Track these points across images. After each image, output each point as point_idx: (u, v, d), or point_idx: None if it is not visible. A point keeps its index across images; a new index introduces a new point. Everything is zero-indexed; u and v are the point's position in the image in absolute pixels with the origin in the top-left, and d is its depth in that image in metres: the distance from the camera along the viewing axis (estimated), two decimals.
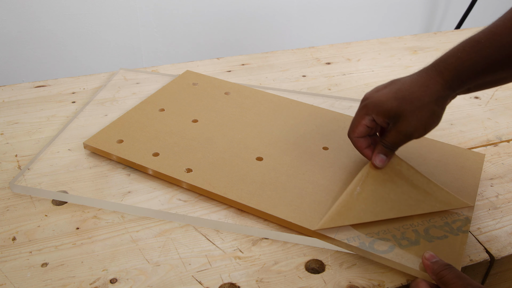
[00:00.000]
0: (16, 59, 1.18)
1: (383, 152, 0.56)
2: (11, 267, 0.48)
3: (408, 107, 0.52)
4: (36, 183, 0.59)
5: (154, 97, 0.73)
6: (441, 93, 0.52)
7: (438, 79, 0.52)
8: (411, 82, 0.53)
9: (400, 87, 0.53)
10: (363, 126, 0.56)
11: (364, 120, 0.55)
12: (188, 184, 0.57)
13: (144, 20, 1.24)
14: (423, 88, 0.52)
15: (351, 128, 0.57)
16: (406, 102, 0.52)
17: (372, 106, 0.54)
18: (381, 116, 0.54)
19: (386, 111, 0.53)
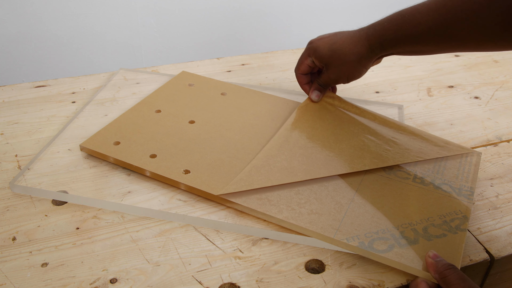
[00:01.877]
0: (16, 59, 1.18)
1: (318, 89, 0.70)
2: (11, 267, 0.48)
3: (335, 61, 0.64)
4: (36, 183, 0.59)
5: (150, 99, 0.73)
6: (364, 55, 0.63)
7: (365, 42, 0.62)
8: (345, 39, 0.64)
9: (336, 41, 0.64)
10: (305, 65, 0.68)
11: (307, 60, 0.68)
12: (186, 185, 0.57)
13: (144, 20, 1.24)
14: (351, 47, 0.63)
15: (297, 66, 0.70)
16: (336, 55, 0.64)
17: (312, 50, 0.67)
18: (317, 60, 0.66)
19: (320, 57, 0.66)
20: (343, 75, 0.66)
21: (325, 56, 0.65)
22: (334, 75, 0.66)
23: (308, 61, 0.68)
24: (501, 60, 0.94)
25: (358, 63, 0.64)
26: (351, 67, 0.64)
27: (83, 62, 1.25)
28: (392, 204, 0.54)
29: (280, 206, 0.54)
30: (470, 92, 0.83)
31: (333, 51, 0.64)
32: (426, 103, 0.79)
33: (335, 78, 0.67)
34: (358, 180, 0.58)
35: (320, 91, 0.69)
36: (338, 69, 0.65)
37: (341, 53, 0.63)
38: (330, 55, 0.64)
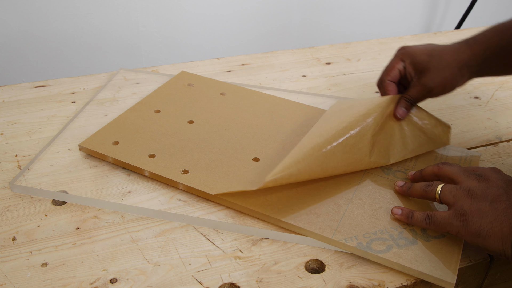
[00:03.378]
0: (16, 59, 1.18)
1: (405, 106, 0.62)
2: (11, 267, 0.48)
3: (435, 64, 0.59)
4: (36, 183, 0.59)
5: (149, 98, 0.73)
6: (466, 62, 0.59)
7: (467, 50, 0.59)
8: (444, 47, 0.60)
9: (434, 48, 0.60)
10: (396, 70, 0.62)
11: (399, 64, 0.62)
12: (185, 185, 0.57)
13: (144, 20, 1.24)
14: (452, 53, 0.59)
15: (385, 72, 0.63)
16: (436, 59, 0.59)
17: (407, 54, 0.61)
18: (411, 66, 0.61)
19: (418, 62, 0.60)
20: (440, 83, 0.59)
21: (422, 61, 0.59)
22: (431, 82, 0.59)
23: (400, 66, 0.61)
24: None
25: (459, 71, 0.59)
26: (451, 74, 0.58)
27: (83, 62, 1.25)
28: (391, 204, 0.54)
29: (278, 206, 0.54)
30: (470, 92, 0.83)
31: (433, 56, 0.59)
32: (426, 103, 0.79)
33: (431, 86, 0.59)
34: (356, 180, 0.58)
35: (407, 109, 0.62)
36: (437, 74, 0.58)
37: (442, 59, 0.59)
38: (429, 60, 0.59)
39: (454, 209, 0.47)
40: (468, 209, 0.46)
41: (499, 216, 0.44)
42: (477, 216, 0.45)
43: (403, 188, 0.55)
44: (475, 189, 0.47)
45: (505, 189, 0.47)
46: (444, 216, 0.48)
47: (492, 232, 0.44)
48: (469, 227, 0.45)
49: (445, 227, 0.48)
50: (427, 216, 0.49)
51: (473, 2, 1.44)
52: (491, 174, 0.49)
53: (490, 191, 0.47)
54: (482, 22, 1.60)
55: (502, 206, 0.45)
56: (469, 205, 0.46)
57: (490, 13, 1.63)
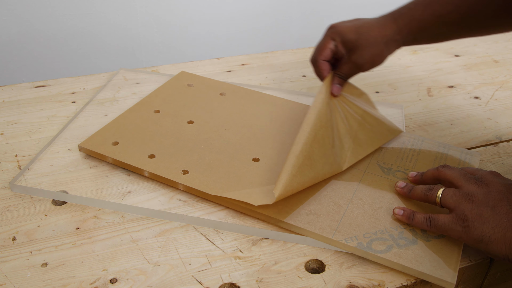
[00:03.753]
0: (16, 59, 1.18)
1: (338, 82, 0.65)
2: (11, 267, 0.48)
3: (363, 43, 0.61)
4: (36, 183, 0.59)
5: (148, 99, 0.73)
6: (392, 38, 0.62)
7: (392, 25, 0.61)
8: (372, 23, 0.62)
9: (362, 24, 0.62)
10: (328, 49, 0.64)
11: (330, 44, 0.63)
12: (185, 186, 0.56)
13: (144, 20, 1.24)
14: (379, 29, 0.61)
15: (317, 52, 0.65)
16: (363, 38, 0.61)
17: (336, 34, 0.63)
18: (341, 44, 0.63)
19: (347, 40, 0.62)
20: (369, 60, 0.62)
21: (351, 39, 0.61)
22: (360, 59, 0.62)
23: (331, 45, 0.63)
24: (501, 60, 0.94)
25: (385, 46, 0.62)
26: (378, 50, 0.62)
27: (83, 62, 1.25)
28: (391, 204, 0.54)
29: (278, 207, 0.54)
30: (470, 92, 0.83)
31: (361, 34, 0.61)
32: (426, 103, 0.79)
33: (361, 63, 0.62)
34: (356, 180, 0.58)
35: (341, 84, 0.65)
36: (365, 52, 0.61)
37: (369, 36, 0.61)
38: (357, 38, 0.61)
39: (455, 213, 0.47)
40: (470, 214, 0.46)
41: (501, 221, 0.45)
42: (478, 222, 0.45)
43: (404, 190, 0.55)
44: (475, 194, 0.47)
45: (505, 193, 0.47)
46: (445, 219, 0.48)
47: (495, 237, 0.44)
48: (471, 232, 0.45)
49: (446, 231, 0.48)
50: (429, 218, 0.49)
51: None
52: (490, 178, 0.49)
53: (490, 196, 0.47)
54: None
55: (503, 211, 0.45)
56: (470, 210, 0.46)
57: None
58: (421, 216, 0.50)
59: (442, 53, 0.97)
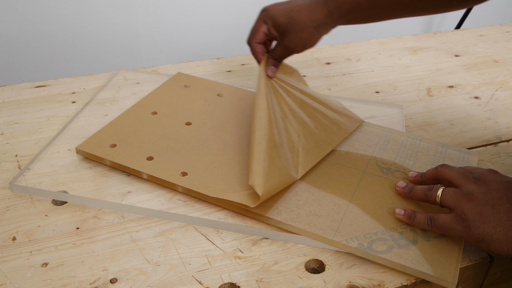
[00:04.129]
0: (16, 59, 1.18)
1: (273, 64, 0.66)
2: (11, 267, 0.48)
3: (293, 27, 0.62)
4: (36, 183, 0.59)
5: (145, 100, 0.73)
6: (323, 21, 0.62)
7: (323, 8, 0.62)
8: (302, 6, 0.62)
9: (293, 8, 0.62)
10: (261, 33, 0.65)
11: (262, 27, 0.65)
12: (184, 188, 0.56)
13: (144, 20, 1.24)
14: (310, 13, 0.62)
15: (251, 35, 0.66)
16: (293, 22, 0.62)
17: (268, 17, 0.64)
18: (273, 28, 0.64)
19: (278, 24, 0.63)
20: (299, 43, 0.63)
21: (282, 23, 0.62)
22: (291, 43, 0.63)
23: (264, 29, 0.64)
24: (501, 60, 0.94)
25: (316, 30, 0.62)
26: (309, 34, 0.62)
27: (83, 62, 1.25)
28: (391, 204, 0.54)
29: (278, 208, 0.54)
30: (470, 92, 0.83)
31: (291, 18, 0.62)
32: (426, 103, 0.79)
33: (292, 46, 0.64)
34: (356, 181, 0.58)
35: (275, 66, 0.66)
36: (296, 36, 0.62)
37: (299, 21, 0.61)
38: (288, 22, 0.62)
39: (455, 213, 0.47)
40: (470, 214, 0.46)
41: (501, 220, 0.45)
42: (479, 221, 0.45)
43: (404, 190, 0.55)
44: (475, 193, 0.47)
45: (504, 192, 0.47)
46: (446, 219, 0.48)
47: (496, 236, 0.44)
48: (472, 232, 0.45)
49: (447, 230, 0.48)
50: (430, 218, 0.49)
51: None
52: (489, 177, 0.49)
53: (490, 195, 0.47)
54: (482, 22, 1.60)
55: (503, 210, 0.45)
56: (471, 209, 0.46)
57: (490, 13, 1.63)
58: (422, 216, 0.50)
59: (442, 53, 0.97)
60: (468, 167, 0.53)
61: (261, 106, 0.59)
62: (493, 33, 1.07)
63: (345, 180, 0.58)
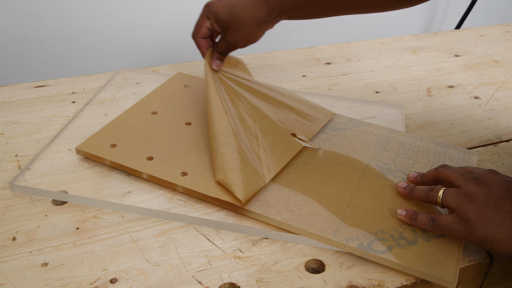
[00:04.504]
0: (16, 59, 1.18)
1: (218, 57, 0.68)
2: (11, 267, 0.48)
3: (235, 24, 0.64)
4: (36, 183, 0.59)
5: (145, 100, 0.73)
6: (264, 18, 0.63)
7: (263, 6, 0.62)
8: (244, 3, 0.63)
9: (235, 5, 0.63)
10: (205, 28, 0.67)
11: (206, 23, 0.66)
12: (184, 187, 0.56)
13: (144, 20, 1.24)
14: (251, 10, 0.63)
15: (195, 30, 0.68)
16: (235, 19, 0.63)
17: (211, 13, 0.65)
18: (216, 23, 0.65)
19: (220, 20, 0.64)
20: (241, 40, 0.65)
21: (224, 20, 0.64)
22: (233, 39, 0.65)
23: (207, 24, 0.66)
24: (501, 60, 0.94)
25: (257, 27, 0.64)
26: (250, 31, 0.64)
27: (83, 62, 1.25)
28: (391, 204, 0.54)
29: (278, 208, 0.54)
30: (470, 92, 0.83)
31: (232, 15, 0.63)
32: (426, 103, 0.79)
33: (234, 42, 0.65)
34: (356, 181, 0.58)
35: (220, 60, 0.68)
36: (238, 33, 0.64)
37: (240, 17, 0.63)
38: (229, 19, 0.63)
39: (457, 213, 0.47)
40: (472, 215, 0.46)
41: (504, 220, 0.45)
42: (481, 222, 0.45)
43: (405, 191, 0.55)
44: (476, 194, 0.47)
45: (505, 192, 0.47)
46: (448, 220, 0.48)
47: (499, 237, 0.44)
48: (474, 233, 0.45)
49: (449, 231, 0.48)
50: (432, 219, 0.49)
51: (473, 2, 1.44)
52: (490, 177, 0.49)
53: (491, 195, 0.47)
54: (482, 22, 1.60)
55: (505, 210, 0.45)
56: (472, 210, 0.46)
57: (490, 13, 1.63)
58: (423, 217, 0.50)
59: (442, 53, 0.97)
60: (468, 167, 0.53)
61: (214, 100, 0.62)
62: (493, 33, 1.07)
63: (345, 180, 0.58)
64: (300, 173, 0.59)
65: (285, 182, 0.57)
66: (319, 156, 0.62)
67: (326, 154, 0.62)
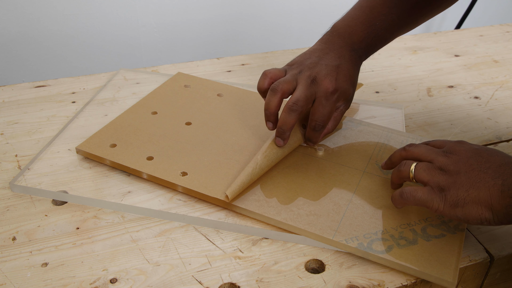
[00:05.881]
0: (16, 59, 1.18)
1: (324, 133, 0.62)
2: (11, 267, 0.48)
3: (354, 89, 0.62)
4: (36, 183, 0.59)
5: (145, 100, 0.73)
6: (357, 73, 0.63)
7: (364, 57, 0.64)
8: (350, 67, 0.61)
9: (350, 74, 0.60)
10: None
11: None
12: (184, 187, 0.56)
13: (144, 20, 1.24)
14: (356, 69, 0.62)
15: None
16: (354, 86, 0.62)
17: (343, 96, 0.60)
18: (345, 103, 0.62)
19: (350, 96, 0.62)
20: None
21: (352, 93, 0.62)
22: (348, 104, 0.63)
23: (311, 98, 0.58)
24: (501, 60, 0.94)
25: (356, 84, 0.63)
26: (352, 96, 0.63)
27: (83, 62, 1.25)
28: (391, 204, 0.54)
29: (278, 208, 0.54)
30: (470, 92, 0.83)
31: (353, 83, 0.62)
32: (426, 103, 0.79)
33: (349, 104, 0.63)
34: (356, 181, 0.58)
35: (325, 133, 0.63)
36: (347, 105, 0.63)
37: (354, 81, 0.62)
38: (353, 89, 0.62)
39: (430, 186, 0.48)
40: (445, 185, 0.47)
41: (473, 183, 0.46)
42: (454, 189, 0.46)
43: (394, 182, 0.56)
44: (447, 165, 0.48)
45: (475, 158, 0.48)
46: (424, 191, 0.48)
47: (470, 199, 0.45)
48: (447, 200, 0.46)
49: (426, 202, 0.48)
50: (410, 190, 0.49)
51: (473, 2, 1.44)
52: (458, 147, 0.50)
53: (461, 164, 0.48)
54: (482, 22, 1.60)
55: (475, 174, 0.46)
56: (445, 180, 0.47)
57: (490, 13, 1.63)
58: (408, 189, 0.50)
59: (442, 53, 0.97)
60: (437, 141, 0.54)
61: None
62: (493, 33, 1.07)
63: (345, 180, 0.58)
64: (300, 173, 0.59)
65: (285, 182, 0.57)
66: (319, 156, 0.62)
67: (326, 154, 0.62)
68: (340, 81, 0.58)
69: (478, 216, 0.45)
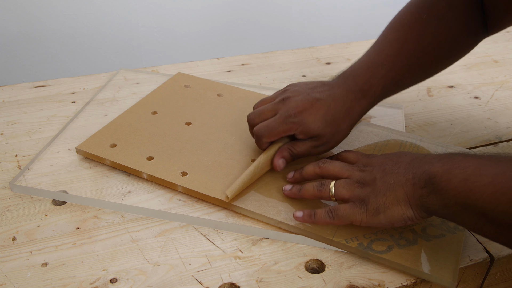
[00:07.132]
0: (16, 59, 1.18)
1: (286, 158, 0.57)
2: (11, 267, 0.48)
3: (329, 131, 0.56)
4: (36, 183, 0.59)
5: (145, 100, 0.73)
6: (356, 119, 0.58)
7: (356, 106, 0.57)
8: (336, 106, 0.56)
9: (326, 111, 0.55)
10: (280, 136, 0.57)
11: (285, 133, 0.56)
12: (184, 187, 0.56)
13: (144, 20, 1.24)
14: (346, 113, 0.56)
15: (267, 133, 0.56)
16: (329, 127, 0.55)
17: (300, 129, 0.55)
18: (303, 135, 0.56)
19: (311, 132, 0.55)
20: (333, 146, 0.58)
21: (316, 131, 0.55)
22: (325, 147, 0.57)
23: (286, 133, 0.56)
24: (501, 60, 0.94)
25: (351, 127, 0.58)
26: (344, 135, 0.58)
27: (83, 62, 1.25)
28: None
29: (278, 208, 0.54)
30: (470, 92, 0.83)
31: (325, 123, 0.55)
32: (426, 103, 0.79)
33: (323, 150, 0.58)
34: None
35: (287, 161, 0.57)
36: (330, 140, 0.57)
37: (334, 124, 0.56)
38: (323, 129, 0.55)
39: (352, 201, 0.48)
40: (365, 195, 0.47)
41: (389, 186, 0.46)
42: (373, 197, 0.47)
43: (293, 191, 0.54)
44: (363, 178, 0.49)
45: (387, 163, 0.49)
46: (346, 207, 0.48)
47: (389, 202, 0.46)
48: (369, 209, 0.47)
49: (348, 217, 0.48)
50: (329, 210, 0.50)
51: None
52: (370, 160, 0.51)
53: (375, 171, 0.48)
54: None
55: (389, 177, 0.47)
56: (364, 191, 0.48)
57: None
58: (321, 212, 0.50)
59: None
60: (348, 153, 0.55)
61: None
62: None
63: None
64: None
65: (285, 182, 0.57)
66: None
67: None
68: (308, 113, 0.55)
69: (400, 217, 0.46)
